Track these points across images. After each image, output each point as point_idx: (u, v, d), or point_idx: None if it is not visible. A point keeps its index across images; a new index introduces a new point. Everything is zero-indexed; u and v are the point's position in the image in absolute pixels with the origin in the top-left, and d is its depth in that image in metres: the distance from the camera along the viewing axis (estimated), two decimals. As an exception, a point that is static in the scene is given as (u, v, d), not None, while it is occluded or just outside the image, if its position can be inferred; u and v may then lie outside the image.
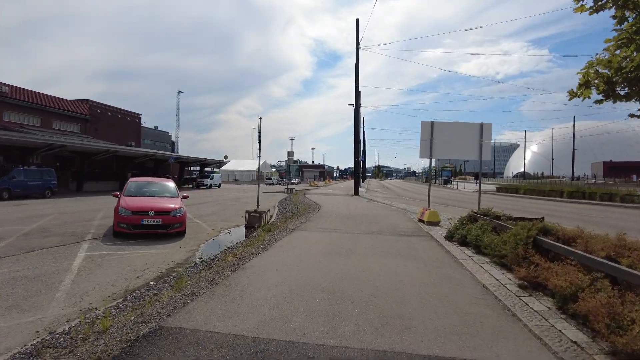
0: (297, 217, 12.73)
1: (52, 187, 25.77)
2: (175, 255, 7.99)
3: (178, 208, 10.06)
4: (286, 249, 6.81)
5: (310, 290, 4.38)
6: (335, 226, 9.95)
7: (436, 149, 11.34)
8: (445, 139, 11.41)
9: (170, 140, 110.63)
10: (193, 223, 12.86)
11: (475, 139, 11.37)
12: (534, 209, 18.00)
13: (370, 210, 14.72)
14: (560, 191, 24.95)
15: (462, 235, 7.27)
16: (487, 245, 6.12)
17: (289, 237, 8.05)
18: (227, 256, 6.70)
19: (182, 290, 4.57)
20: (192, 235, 10.54)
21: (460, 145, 11.48)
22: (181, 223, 10.07)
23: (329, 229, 9.47)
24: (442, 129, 11.41)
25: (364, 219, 11.64)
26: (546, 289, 4.25)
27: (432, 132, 11.32)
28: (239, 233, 11.26)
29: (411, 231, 9.53)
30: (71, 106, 45.31)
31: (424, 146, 11.38)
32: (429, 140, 11.34)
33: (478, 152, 11.38)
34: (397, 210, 15.31)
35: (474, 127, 11.43)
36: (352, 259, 6.07)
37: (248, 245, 7.83)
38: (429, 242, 7.89)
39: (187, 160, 50.06)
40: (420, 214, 11.61)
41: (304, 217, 12.11)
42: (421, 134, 11.39)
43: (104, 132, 48.74)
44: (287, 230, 9.09)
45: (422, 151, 11.43)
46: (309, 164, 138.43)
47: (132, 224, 9.46)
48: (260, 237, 8.47)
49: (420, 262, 6.07)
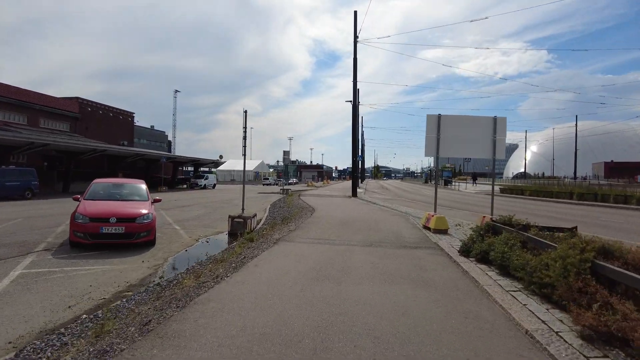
0: (287, 223, 11.34)
1: (32, 188, 24.32)
2: (132, 273, 6.59)
3: (146, 214, 8.66)
4: (262, 269, 5.41)
5: (280, 349, 2.98)
6: (328, 235, 8.56)
7: (443, 146, 9.98)
8: (453, 134, 10.04)
9: (167, 140, 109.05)
10: (170, 229, 11.46)
11: (487, 134, 10.01)
12: (545, 212, 16.64)
13: (369, 215, 13.34)
14: (570, 192, 23.61)
15: (482, 250, 5.89)
16: (518, 267, 4.74)
17: (269, 252, 6.66)
18: (186, 279, 5.32)
19: (97, 343, 3.18)
20: (163, 245, 9.14)
21: (471, 142, 10.12)
22: (149, 231, 8.67)
23: (319, 239, 8.07)
24: (450, 124, 10.04)
25: (361, 226, 10.25)
26: (628, 346, 2.87)
27: (438, 126, 9.95)
28: (218, 242, 9.86)
29: (417, 241, 8.15)
30: (60, 104, 43.82)
31: (430, 143, 10.01)
32: (436, 136, 9.97)
33: (491, 150, 10.03)
34: (398, 214, 13.93)
35: (486, 121, 10.07)
36: (344, 286, 4.67)
37: (219, 261, 6.44)
38: (440, 258, 6.50)
39: (180, 160, 48.61)
40: (426, 220, 10.23)
41: (294, 223, 10.72)
42: (427, 129, 10.02)
43: (95, 131, 47.26)
44: (270, 241, 7.69)
45: (427, 148, 10.05)
46: (307, 164, 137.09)
47: (89, 233, 8.06)
48: (237, 251, 7.08)
49: (434, 289, 4.69)
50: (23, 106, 37.97)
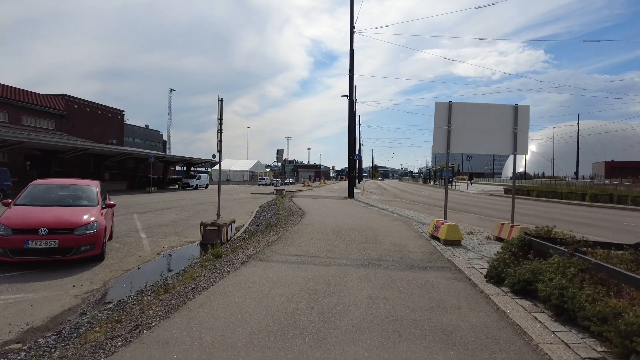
0: (270, 231, 9.67)
1: (5, 189, 22.56)
2: (47, 305, 4.89)
3: (88, 223, 6.95)
4: (207, 314, 3.69)
5: None
6: (315, 250, 6.87)
7: (455, 139, 8.31)
8: (467, 126, 8.38)
9: (162, 139, 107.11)
10: (133, 239, 9.76)
11: (506, 126, 8.36)
12: (560, 216, 15.02)
13: (366, 220, 11.66)
14: (582, 194, 22.02)
15: (522, 279, 4.20)
16: (594, 317, 3.07)
17: (231, 278, 4.95)
18: (98, 329, 3.62)
19: None
20: (114, 260, 7.44)
21: (487, 135, 8.45)
22: (93, 244, 6.95)
23: (303, 256, 6.39)
24: (463, 113, 8.37)
25: (356, 236, 8.57)
26: None
27: (449, 116, 8.28)
28: (184, 256, 8.15)
29: (426, 258, 6.47)
30: (44, 101, 41.94)
31: (439, 136, 8.33)
32: (446, 128, 8.30)
33: (510, 144, 8.37)
34: (399, 219, 12.26)
35: (505, 110, 8.41)
36: (324, 352, 2.98)
37: (162, 291, 4.75)
38: (461, 286, 4.82)
39: (170, 159, 46.82)
40: (434, 228, 8.56)
41: (278, 232, 9.04)
42: (435, 119, 8.34)
43: (83, 129, 45.42)
44: (239, 260, 6.00)
45: (435, 142, 8.38)
46: (304, 164, 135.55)
47: (10, 249, 6.35)
48: (191, 274, 5.39)
49: (464, 349, 3.02)
50: (3, 102, 36.10)
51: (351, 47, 23.41)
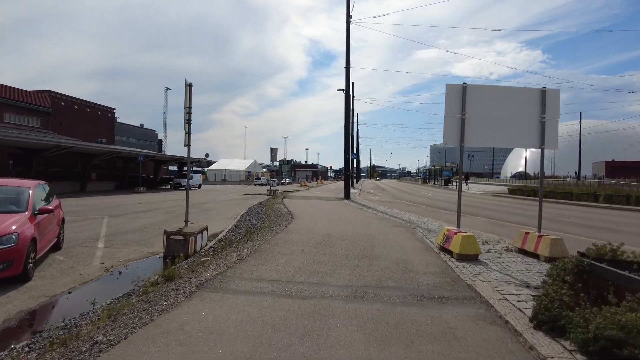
0: (247, 241, 8.12)
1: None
2: None
3: (3, 235, 5.40)
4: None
5: None
6: (293, 271, 5.31)
7: (471, 129, 6.78)
8: (484, 113, 6.85)
9: (157, 138, 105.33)
10: (86, 249, 8.21)
11: (532, 114, 6.84)
12: (576, 219, 13.52)
13: (363, 226, 10.12)
14: (594, 194, 20.54)
15: (607, 338, 2.65)
16: None
17: (154, 327, 3.38)
18: None
19: None
20: (46, 280, 5.90)
21: (509, 125, 6.92)
22: (10, 262, 5.39)
23: (275, 281, 4.83)
24: (480, 98, 6.84)
25: (350, 248, 7.03)
26: None
27: (463, 102, 6.75)
28: (135, 274, 6.57)
29: (439, 283, 4.92)
30: (29, 98, 40.23)
31: (451, 126, 6.80)
32: (459, 116, 6.77)
33: (537, 136, 6.85)
34: (401, 224, 10.72)
35: (531, 95, 6.88)
36: None
37: (54, 346, 3.20)
38: (498, 335, 3.28)
39: (161, 158, 45.19)
40: (444, 239, 7.02)
41: (255, 243, 7.49)
42: (446, 105, 6.81)
43: (70, 127, 43.71)
44: (185, 290, 4.44)
45: (446, 134, 6.84)
46: (302, 164, 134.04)
47: None
48: (110, 311, 3.84)
49: None
50: (-18, 98, 34.42)
51: (347, 37, 21.91)
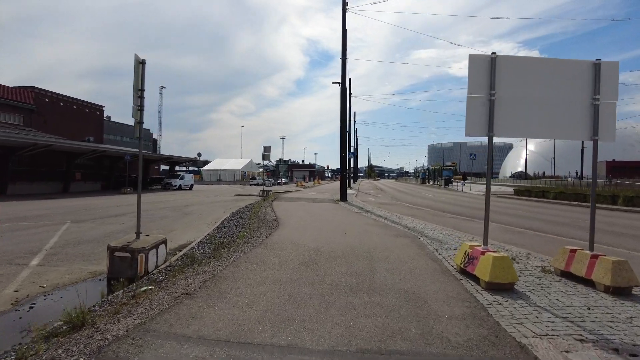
0: (210, 260, 6.42)
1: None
2: None
3: None
4: None
5: None
6: (254, 323, 3.55)
7: (502, 115, 5.11)
8: (519, 94, 5.18)
9: (152, 138, 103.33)
10: (13, 267, 6.51)
11: (581, 95, 5.19)
12: (604, 225, 11.89)
13: (360, 236, 8.45)
14: (612, 196, 18.95)
15: None
16: None
17: None
18: None
19: None
20: None
21: (550, 110, 5.25)
22: None
23: (223, 342, 3.12)
24: (515, 73, 5.17)
25: (343, 271, 5.34)
26: None
27: (492, 78, 5.08)
28: (50, 309, 4.88)
29: (474, 340, 3.21)
30: (11, 94, 38.28)
31: (475, 110, 5.12)
32: (487, 97, 5.10)
33: (588, 124, 5.20)
34: (405, 233, 9.05)
35: (580, 69, 5.22)
36: None
37: None
38: None
39: (150, 157, 43.35)
40: (465, 259, 5.34)
41: (219, 264, 5.79)
42: (469, 83, 5.13)
43: (56, 125, 41.79)
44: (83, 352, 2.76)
45: (470, 121, 5.15)
46: (299, 164, 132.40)
47: None
48: None
49: None
50: (-41, 94, 32.50)
51: (344, 26, 20.24)
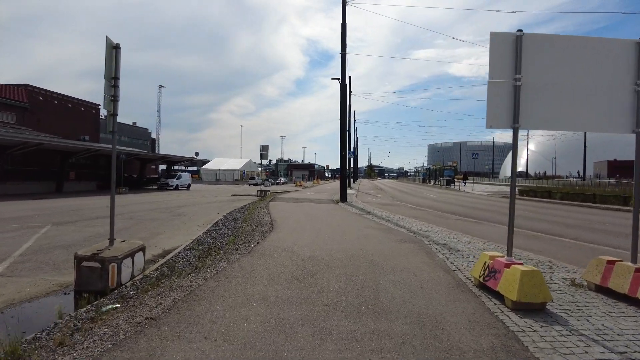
0: (194, 268, 5.66)
1: None
2: None
3: None
4: None
5: None
6: (228, 357, 2.88)
7: (529, 103, 4.35)
8: (549, 79, 4.42)
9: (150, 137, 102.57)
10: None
11: (622, 79, 4.43)
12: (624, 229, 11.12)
13: (361, 242, 7.69)
14: (623, 197, 18.21)
15: None
16: None
17: None
18: None
19: None
20: None
21: (586, 98, 4.48)
22: None
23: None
24: (544, 54, 4.41)
25: (342, 289, 4.58)
26: None
27: (517, 60, 4.32)
28: None
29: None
30: (3, 91, 37.45)
31: (498, 97, 4.36)
32: (511, 82, 4.34)
33: (631, 114, 4.44)
34: (411, 238, 8.30)
35: (620, 49, 4.45)
36: None
37: None
38: None
39: (146, 157, 42.60)
40: (484, 271, 4.58)
41: (199, 277, 5.02)
42: (490, 65, 4.37)
43: (50, 124, 40.98)
44: None
45: (491, 110, 4.39)
46: (298, 163, 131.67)
47: None
48: None
49: None
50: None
51: (343, 20, 19.47)
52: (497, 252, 4.92)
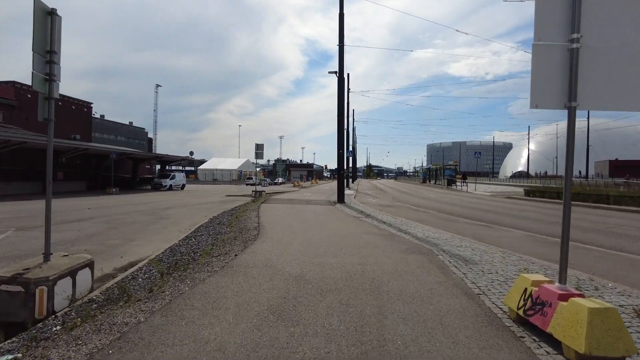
0: (139, 299, 4.46)
1: None
2: None
3: None
4: None
5: None
6: None
7: (590, 75, 3.17)
8: (617, 41, 3.23)
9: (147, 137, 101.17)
10: None
11: None
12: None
13: (360, 255, 6.49)
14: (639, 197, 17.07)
15: None
16: None
17: None
18: None
19: None
20: None
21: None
22: None
23: None
24: (612, 6, 3.24)
25: (334, 327, 3.38)
26: None
27: (576, 15, 3.14)
28: None
29: None
30: (-11, 89, 36.23)
31: (546, 66, 3.17)
32: (566, 46, 3.16)
33: None
34: (418, 247, 7.10)
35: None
36: None
37: None
38: None
39: (139, 156, 41.32)
40: (524, 301, 3.39)
41: (150, 305, 3.82)
42: (536, 26, 3.19)
43: (39, 122, 39.49)
44: None
45: (537, 84, 3.20)
46: (297, 163, 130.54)
47: None
48: None
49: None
50: None
51: (341, 9, 18.30)
52: (539, 274, 3.73)
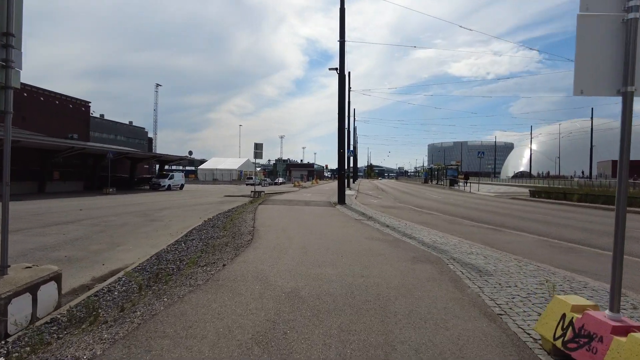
0: (106, 321, 3.84)
1: None
2: None
3: None
4: None
5: None
6: None
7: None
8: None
9: (147, 136, 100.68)
10: None
11: None
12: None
13: (362, 264, 5.88)
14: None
15: None
16: None
17: None
18: None
19: None
20: None
21: None
22: None
23: None
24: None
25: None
26: None
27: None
28: None
29: None
30: (-15, 87, 35.65)
31: (595, 47, 2.57)
32: (621, 17, 2.54)
33: None
34: (425, 256, 6.49)
35: None
36: None
37: None
38: None
39: (136, 156, 40.74)
40: (565, 332, 2.77)
41: (117, 330, 3.21)
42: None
43: (36, 122, 39.12)
44: None
45: (581, 69, 2.59)
46: (297, 163, 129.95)
47: None
48: None
49: None
50: None
51: (342, 4, 17.68)
52: (578, 297, 3.09)
